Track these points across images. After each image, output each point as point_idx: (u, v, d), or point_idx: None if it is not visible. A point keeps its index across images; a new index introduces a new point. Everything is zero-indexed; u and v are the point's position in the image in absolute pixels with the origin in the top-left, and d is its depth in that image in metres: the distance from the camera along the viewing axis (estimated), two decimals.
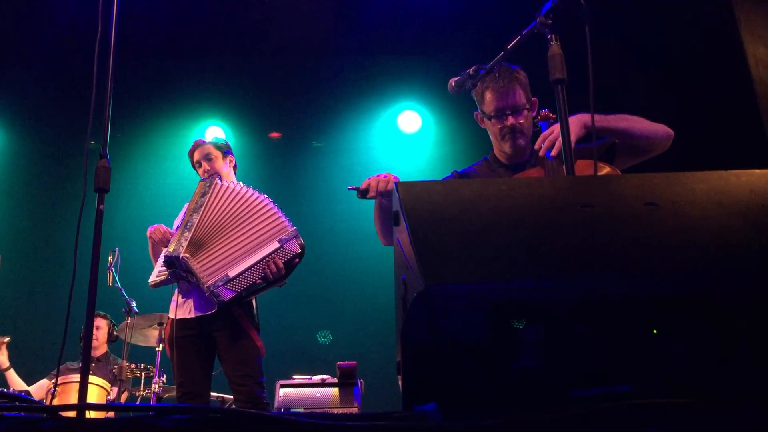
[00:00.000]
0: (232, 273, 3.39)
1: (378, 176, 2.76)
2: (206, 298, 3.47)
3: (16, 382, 4.95)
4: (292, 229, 3.59)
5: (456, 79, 2.66)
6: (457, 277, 1.27)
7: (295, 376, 4.55)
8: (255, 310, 3.77)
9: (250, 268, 3.43)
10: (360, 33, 6.76)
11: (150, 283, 3.58)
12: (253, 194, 3.63)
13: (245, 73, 7.21)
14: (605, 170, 2.46)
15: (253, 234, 3.51)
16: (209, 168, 3.88)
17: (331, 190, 6.80)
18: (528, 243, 1.31)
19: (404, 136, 7.40)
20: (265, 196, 3.67)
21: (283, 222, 3.59)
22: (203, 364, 3.64)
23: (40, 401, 4.03)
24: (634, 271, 1.25)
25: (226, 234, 3.48)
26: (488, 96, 2.77)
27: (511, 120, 2.76)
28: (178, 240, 3.43)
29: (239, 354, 3.58)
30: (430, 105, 7.30)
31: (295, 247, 3.57)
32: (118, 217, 5.99)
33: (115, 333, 5.28)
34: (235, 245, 3.46)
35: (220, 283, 3.35)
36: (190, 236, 3.42)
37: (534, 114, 2.83)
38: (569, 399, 1.29)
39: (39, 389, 4.83)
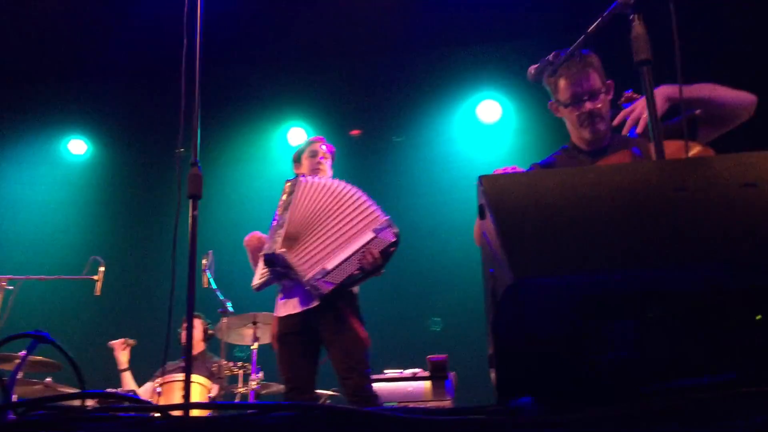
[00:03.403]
0: (329, 265, 3.42)
1: (504, 169, 2.72)
2: (308, 292, 3.52)
3: (129, 383, 5.20)
4: (386, 218, 3.60)
5: (535, 66, 2.63)
6: (546, 269, 1.26)
7: (386, 371, 4.60)
8: (358, 302, 3.76)
9: (346, 259, 3.45)
10: (436, 24, 6.76)
11: (253, 287, 3.66)
12: (342, 186, 3.66)
13: (323, 74, 7.32)
14: (696, 150, 2.36)
15: (345, 225, 3.53)
16: (317, 165, 3.91)
17: (413, 184, 6.83)
18: (618, 232, 1.28)
19: (484, 126, 7.34)
20: (356, 187, 3.68)
21: (375, 212, 3.60)
22: (309, 359, 3.67)
23: (149, 401, 4.23)
24: (733, 259, 1.21)
25: (319, 227, 3.51)
26: (562, 84, 2.72)
27: (588, 105, 2.70)
28: (273, 238, 3.50)
29: (344, 347, 3.59)
30: (510, 93, 7.20)
31: (389, 236, 3.57)
32: (211, 220, 6.20)
33: (209, 332, 5.47)
34: (328, 237, 3.49)
35: (319, 276, 3.39)
36: (283, 233, 3.47)
37: (610, 97, 2.76)
38: (668, 390, 1.26)
39: (145, 392, 5.06)
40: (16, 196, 7.46)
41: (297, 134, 7.49)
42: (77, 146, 7.68)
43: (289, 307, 3.69)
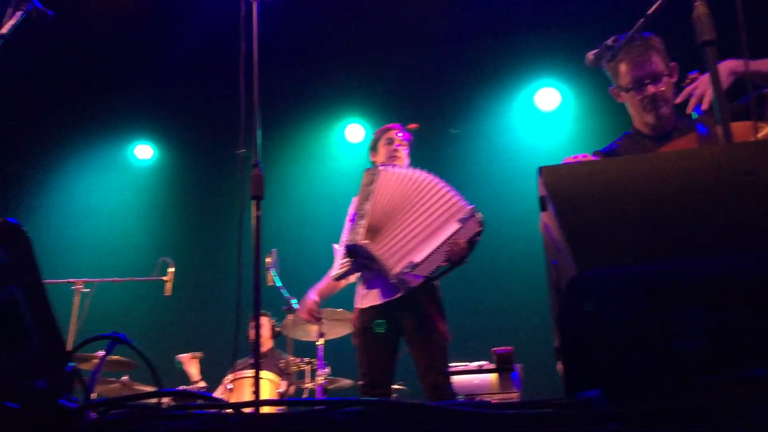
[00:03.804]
0: (417, 258, 3.36)
1: (575, 157, 2.67)
2: (390, 283, 3.46)
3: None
4: (470, 207, 3.55)
5: (594, 51, 2.57)
6: (610, 260, 1.24)
7: (451, 364, 4.58)
8: (439, 293, 3.70)
9: (434, 251, 3.39)
10: (491, 12, 6.69)
11: (333, 277, 3.64)
12: (423, 175, 3.62)
13: (379, 69, 7.35)
14: (765, 131, 2.28)
15: (429, 216, 3.48)
16: (394, 153, 3.90)
17: (472, 177, 6.79)
18: (684, 219, 1.25)
19: (543, 114, 7.23)
20: (437, 176, 3.63)
21: (459, 201, 3.56)
22: (388, 353, 3.60)
23: (221, 399, 4.33)
24: None
25: (402, 218, 3.46)
26: (623, 68, 2.66)
27: (651, 89, 2.63)
28: (355, 229, 3.45)
29: (425, 343, 3.53)
30: (568, 80, 7.08)
31: (475, 225, 3.53)
32: (273, 219, 6.31)
33: (277, 329, 5.57)
34: (413, 229, 3.44)
35: (407, 270, 3.33)
36: (366, 224, 3.42)
37: (675, 79, 2.68)
38: (739, 379, 1.22)
39: (218, 392, 5.18)
40: (88, 202, 7.75)
41: (355, 130, 7.55)
42: (143, 151, 7.93)
43: (370, 298, 3.63)
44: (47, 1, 2.78)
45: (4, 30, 2.59)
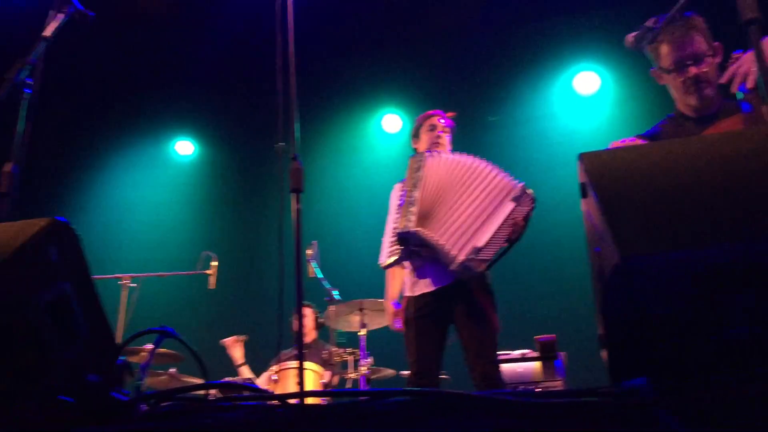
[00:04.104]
0: (480, 243, 3.32)
1: (622, 141, 2.63)
2: (441, 270, 3.47)
3: (247, 374, 5.42)
4: (520, 185, 3.52)
5: (634, 33, 2.53)
6: (654, 246, 1.22)
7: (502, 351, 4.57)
8: (489, 281, 3.66)
9: (495, 233, 3.35)
10: None
11: (381, 265, 3.61)
12: (470, 160, 3.59)
13: (414, 58, 7.33)
14: None
15: (483, 198, 3.45)
16: (437, 140, 3.87)
17: (511, 163, 6.68)
18: (729, 203, 1.22)
19: (582, 98, 7.13)
20: (482, 159, 3.60)
21: (508, 180, 3.52)
22: (437, 343, 3.58)
23: (267, 390, 4.39)
24: None
25: (455, 203, 3.43)
26: (664, 49, 2.60)
27: (693, 70, 2.57)
28: (405, 216, 3.41)
29: (475, 332, 3.50)
30: (608, 63, 6.96)
31: (528, 201, 3.50)
32: (312, 210, 6.35)
33: (320, 320, 5.62)
34: (469, 213, 3.40)
35: (472, 256, 3.29)
36: (416, 210, 3.40)
37: (718, 60, 2.61)
38: None
39: (262, 381, 5.25)
40: (132, 199, 7.91)
41: (392, 121, 7.55)
42: (184, 147, 8.05)
43: (421, 286, 3.61)
44: (88, 3, 2.83)
45: (48, 33, 2.65)
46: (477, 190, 3.48)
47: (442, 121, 3.99)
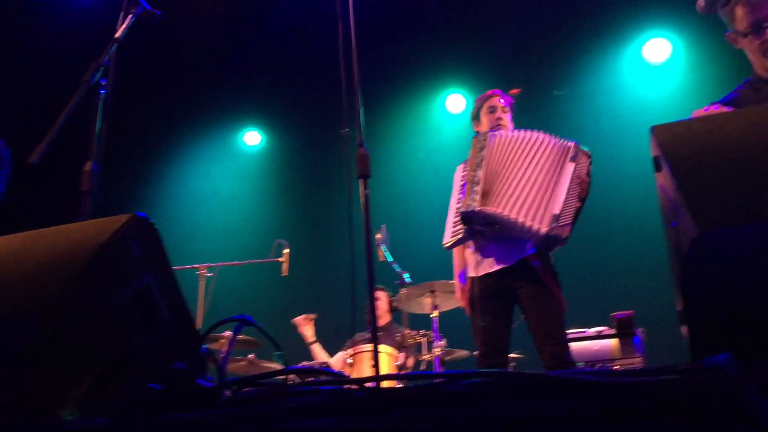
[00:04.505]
0: (556, 210, 3.35)
1: (706, 109, 2.56)
2: (505, 249, 3.50)
3: (320, 354, 5.52)
4: (573, 143, 3.55)
5: None
6: (734, 219, 1.18)
7: (568, 330, 4.50)
8: (552, 261, 3.65)
9: (567, 196, 3.38)
10: None
11: (445, 245, 3.62)
12: (529, 134, 3.63)
13: (476, 35, 7.23)
14: None
15: (542, 167, 3.48)
16: (498, 122, 3.86)
17: (580, 137, 6.57)
18: None
19: (652, 67, 6.90)
20: (537, 131, 3.64)
21: (562, 143, 3.56)
22: (503, 323, 3.59)
23: (341, 372, 4.47)
24: None
25: (518, 177, 3.46)
26: (739, 12, 2.49)
27: None
28: (469, 195, 3.45)
29: (541, 312, 3.48)
30: (678, 29, 6.70)
31: (585, 157, 3.54)
32: (380, 194, 6.38)
33: (394, 304, 5.65)
34: (533, 184, 3.43)
35: (554, 224, 3.31)
36: (480, 189, 3.44)
37: None
38: None
39: (337, 361, 5.35)
40: (204, 190, 8.12)
41: (456, 101, 7.49)
42: (252, 138, 8.21)
43: (485, 266, 3.62)
44: (154, 1, 2.91)
45: (118, 34, 2.74)
46: (536, 160, 3.50)
47: (501, 100, 3.96)
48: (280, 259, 5.40)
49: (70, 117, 2.40)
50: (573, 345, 4.36)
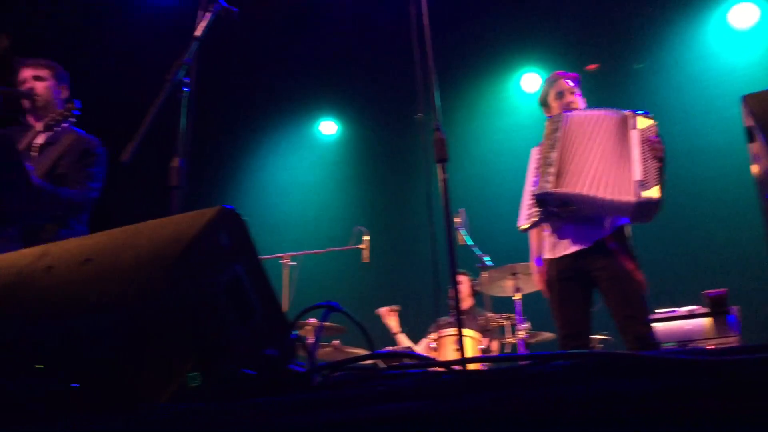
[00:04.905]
0: (638, 176, 3.32)
1: None
2: (581, 231, 3.48)
3: (405, 343, 5.58)
4: (629, 112, 3.55)
5: None
6: None
7: (658, 310, 4.38)
8: (631, 242, 3.57)
9: (643, 162, 3.35)
10: None
11: (520, 228, 3.62)
12: (596, 111, 3.63)
13: (550, 11, 7.05)
14: None
15: (608, 141, 3.47)
16: (568, 106, 3.81)
17: (663, 110, 6.34)
18: None
19: (738, 33, 6.58)
20: (605, 108, 3.64)
21: (620, 114, 3.56)
22: (582, 303, 3.54)
23: (423, 355, 4.49)
24: None
25: (590, 156, 3.45)
26: None
27: None
28: (543, 177, 3.44)
29: (621, 293, 3.42)
30: None
31: (646, 120, 3.50)
32: (457, 178, 6.34)
33: (475, 288, 5.64)
34: (604, 160, 3.42)
35: (641, 189, 3.29)
36: (555, 171, 3.43)
37: None
38: None
39: (421, 348, 5.38)
40: (283, 181, 8.28)
41: (531, 80, 7.36)
42: (328, 127, 8.31)
43: (561, 248, 3.58)
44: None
45: (198, 32, 2.82)
46: (604, 137, 3.49)
47: (568, 82, 3.87)
48: (361, 246, 5.47)
49: (157, 115, 2.49)
50: (664, 325, 4.25)
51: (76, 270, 1.47)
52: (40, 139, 3.51)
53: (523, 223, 3.58)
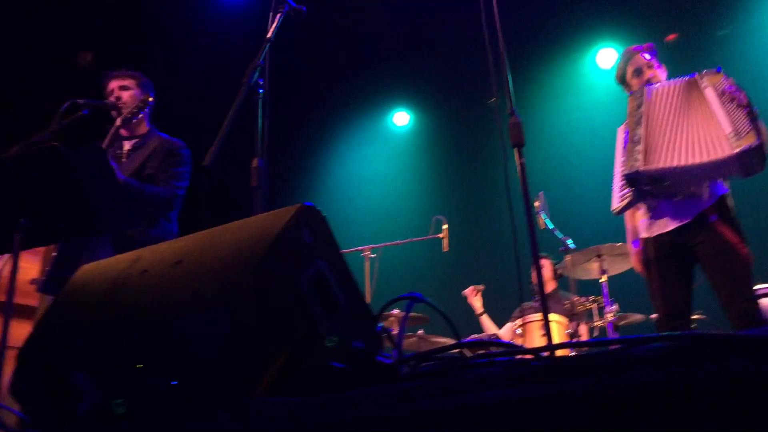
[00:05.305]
0: (727, 129, 3.21)
1: None
2: (678, 206, 3.39)
3: (489, 326, 5.55)
4: (696, 74, 3.46)
5: None
6: None
7: (761, 285, 4.17)
8: (733, 212, 3.42)
9: (726, 114, 3.24)
10: None
11: (614, 211, 3.55)
12: (677, 80, 3.52)
13: None
14: None
15: (690, 107, 3.37)
16: (651, 75, 3.69)
17: (751, 78, 6.06)
18: None
19: None
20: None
21: (687, 78, 3.47)
22: (682, 282, 3.43)
23: (510, 342, 4.46)
24: None
25: (675, 127, 3.35)
26: None
27: None
28: (631, 156, 3.36)
29: (724, 268, 3.28)
30: None
31: (716, 75, 3.40)
32: (535, 160, 6.24)
33: (558, 271, 5.54)
34: (689, 127, 3.32)
35: (737, 140, 3.16)
36: (643, 148, 3.34)
37: None
38: None
39: (506, 332, 5.33)
40: (360, 175, 8.35)
41: (607, 55, 7.14)
42: (401, 118, 8.31)
43: (658, 226, 3.48)
44: None
45: (270, 34, 2.88)
46: (682, 105, 3.39)
47: (645, 56, 3.73)
48: (440, 235, 5.46)
49: (235, 119, 2.56)
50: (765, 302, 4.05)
51: (169, 272, 1.53)
52: (128, 145, 3.70)
53: (616, 206, 3.51)
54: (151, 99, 3.75)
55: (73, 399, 1.47)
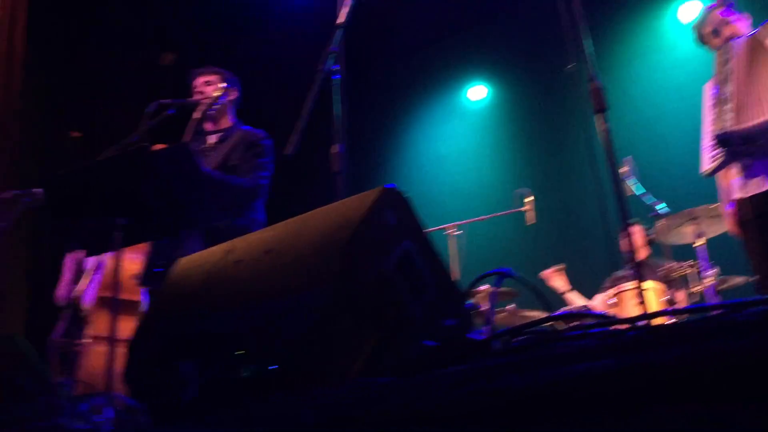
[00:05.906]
0: None
1: None
2: None
3: (577, 301, 5.43)
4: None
5: None
6: None
7: None
8: None
9: None
10: None
11: (704, 173, 3.45)
12: (760, 29, 3.34)
13: None
14: None
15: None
16: (731, 33, 3.53)
17: None
18: None
19: None
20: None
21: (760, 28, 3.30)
22: None
23: (604, 313, 4.37)
24: None
25: (763, 80, 3.20)
26: None
27: None
28: (720, 116, 3.25)
29: None
30: None
31: None
32: (620, 125, 6.03)
33: (650, 237, 5.37)
34: None
35: None
36: (734, 106, 3.21)
37: None
38: None
39: (598, 303, 5.21)
40: (439, 152, 8.30)
41: (690, 8, 6.80)
42: (477, 92, 8.20)
43: (753, 185, 3.36)
44: None
45: (341, 20, 2.90)
46: (763, 58, 3.21)
47: (718, 13, 3.53)
48: (524, 208, 5.38)
49: (313, 106, 2.60)
50: None
51: (261, 261, 1.58)
52: (213, 139, 3.82)
53: (706, 168, 3.38)
54: (230, 91, 3.84)
55: (179, 386, 1.54)
